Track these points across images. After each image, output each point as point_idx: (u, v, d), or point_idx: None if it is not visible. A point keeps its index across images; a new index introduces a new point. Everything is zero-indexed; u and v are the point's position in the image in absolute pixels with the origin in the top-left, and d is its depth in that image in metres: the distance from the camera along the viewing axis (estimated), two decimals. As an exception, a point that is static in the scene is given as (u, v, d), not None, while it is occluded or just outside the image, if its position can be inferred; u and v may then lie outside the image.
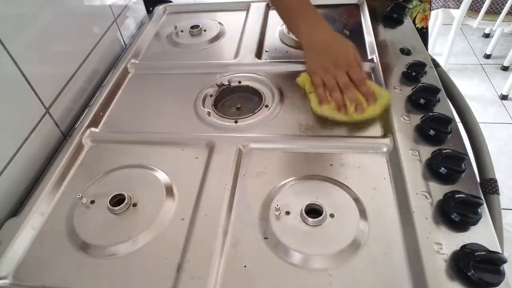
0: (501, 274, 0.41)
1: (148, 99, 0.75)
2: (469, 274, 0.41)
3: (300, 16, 0.71)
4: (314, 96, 0.67)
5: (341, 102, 0.64)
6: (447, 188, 0.51)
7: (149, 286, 0.46)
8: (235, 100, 0.76)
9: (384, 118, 0.63)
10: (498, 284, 0.41)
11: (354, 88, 0.64)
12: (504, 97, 2.02)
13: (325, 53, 0.67)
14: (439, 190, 0.51)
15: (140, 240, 0.51)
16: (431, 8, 1.87)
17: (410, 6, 0.95)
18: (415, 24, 0.98)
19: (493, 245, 0.45)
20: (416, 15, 0.97)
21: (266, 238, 0.49)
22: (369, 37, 0.83)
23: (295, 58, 0.81)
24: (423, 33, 1.02)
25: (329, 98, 0.65)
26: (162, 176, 0.59)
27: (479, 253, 0.42)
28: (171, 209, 0.54)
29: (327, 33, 0.69)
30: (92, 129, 0.69)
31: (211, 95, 0.74)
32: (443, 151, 0.53)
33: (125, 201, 0.54)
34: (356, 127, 0.63)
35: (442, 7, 1.85)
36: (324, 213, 0.50)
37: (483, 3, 1.75)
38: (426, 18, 1.00)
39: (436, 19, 2.06)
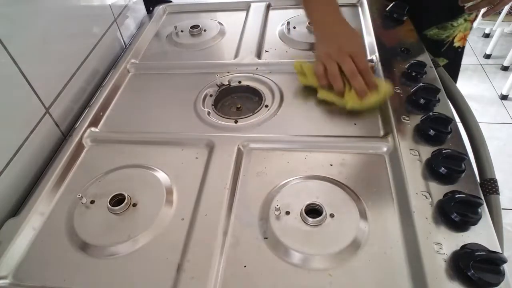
0: (501, 274, 0.41)
1: (148, 99, 0.75)
2: (469, 274, 0.41)
3: (316, 1, 0.72)
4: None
5: (341, 91, 0.64)
6: (447, 188, 0.51)
7: (149, 286, 0.46)
8: (235, 100, 0.76)
9: (384, 117, 0.63)
10: (498, 284, 0.41)
11: (359, 76, 0.64)
12: (504, 97, 2.02)
13: (331, 38, 0.68)
14: (439, 190, 0.51)
15: (140, 240, 0.51)
16: None
17: (455, 24, 0.91)
18: (453, 43, 0.94)
19: (493, 245, 0.45)
20: (456, 34, 0.93)
21: (266, 238, 0.49)
22: (369, 37, 0.83)
23: (295, 58, 0.81)
24: (459, 53, 0.98)
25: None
26: (162, 176, 0.59)
27: (479, 253, 0.42)
28: (171, 209, 0.54)
29: (337, 20, 0.70)
30: (92, 129, 0.69)
31: (211, 95, 0.74)
32: (443, 151, 0.53)
33: (125, 201, 0.54)
34: (356, 127, 0.63)
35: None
36: (324, 213, 0.50)
37: (483, 3, 1.75)
38: (464, 38, 0.96)
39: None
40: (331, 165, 0.58)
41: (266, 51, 0.84)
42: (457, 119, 0.63)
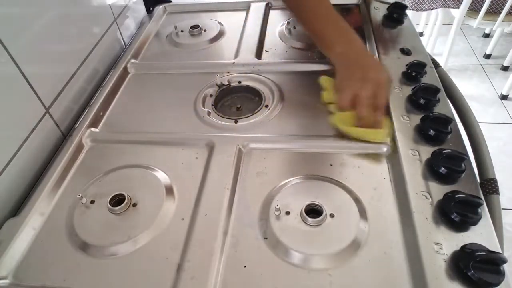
0: (501, 274, 0.41)
1: (148, 99, 0.75)
2: (469, 274, 0.41)
3: (334, 36, 0.67)
4: (338, 113, 0.63)
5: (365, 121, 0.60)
6: (447, 188, 0.51)
7: (149, 286, 0.46)
8: (235, 100, 0.76)
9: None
10: (498, 284, 0.41)
11: (371, 110, 0.59)
12: (504, 97, 2.02)
13: (356, 66, 0.63)
14: (439, 190, 0.51)
15: (140, 240, 0.51)
16: (429, 8, 1.85)
17: None
18: None
19: (493, 245, 0.45)
20: None
21: (266, 238, 0.49)
22: (369, 37, 0.83)
23: (295, 58, 0.81)
24: None
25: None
26: (162, 176, 0.59)
27: (479, 253, 0.42)
28: (171, 209, 0.54)
29: (362, 51, 0.66)
30: (92, 129, 0.69)
31: (211, 95, 0.74)
32: (443, 151, 0.53)
33: (125, 201, 0.54)
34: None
35: (441, 6, 1.85)
36: (324, 213, 0.50)
37: (483, 3, 1.75)
38: None
39: (436, 19, 2.06)
40: (331, 165, 0.58)
41: (266, 51, 0.84)
42: (457, 119, 0.63)
